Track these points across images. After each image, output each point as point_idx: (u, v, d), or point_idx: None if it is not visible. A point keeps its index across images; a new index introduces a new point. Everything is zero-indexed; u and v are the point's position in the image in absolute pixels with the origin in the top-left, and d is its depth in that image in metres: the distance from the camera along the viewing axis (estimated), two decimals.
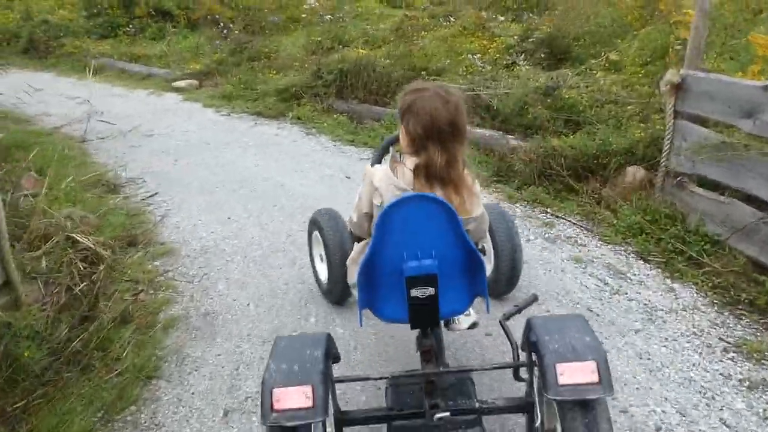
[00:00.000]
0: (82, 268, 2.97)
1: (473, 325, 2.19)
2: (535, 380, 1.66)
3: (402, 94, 1.84)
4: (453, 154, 1.74)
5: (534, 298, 2.02)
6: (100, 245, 3.14)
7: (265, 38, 8.82)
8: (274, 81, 7.23)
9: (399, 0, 12.13)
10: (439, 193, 1.73)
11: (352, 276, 2.01)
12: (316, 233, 2.81)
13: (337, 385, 1.73)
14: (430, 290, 1.71)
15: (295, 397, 1.45)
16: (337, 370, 1.79)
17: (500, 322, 1.94)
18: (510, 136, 4.84)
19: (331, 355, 1.66)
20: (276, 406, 1.45)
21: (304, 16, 9.35)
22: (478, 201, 1.88)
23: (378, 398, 2.16)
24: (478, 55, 6.33)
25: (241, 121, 6.49)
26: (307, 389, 1.46)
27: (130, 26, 10.85)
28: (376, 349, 2.52)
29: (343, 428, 1.77)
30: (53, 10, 11.23)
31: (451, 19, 7.92)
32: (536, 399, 1.69)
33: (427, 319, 1.81)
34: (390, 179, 1.77)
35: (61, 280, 2.78)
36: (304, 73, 6.97)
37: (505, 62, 6.14)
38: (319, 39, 7.90)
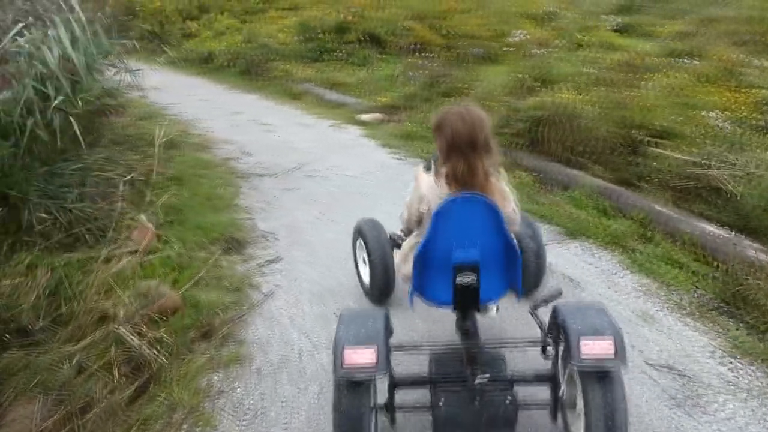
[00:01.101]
0: (117, 377, 2.37)
1: (497, 310, 2.75)
2: (560, 358, 2.03)
3: (434, 115, 2.25)
4: (473, 163, 2.08)
5: (559, 293, 2.36)
6: (153, 345, 2.53)
7: (463, 71, 7.99)
8: None
9: (638, 30, 10.47)
10: None
11: (405, 269, 2.34)
12: (359, 241, 3.17)
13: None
14: (473, 277, 2.10)
15: (362, 355, 1.80)
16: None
17: (530, 310, 2.36)
18: (751, 243, 3.32)
19: (389, 327, 2.00)
20: (346, 362, 1.79)
21: (506, 49, 8.31)
22: (507, 201, 2.21)
23: (422, 368, 2.25)
24: (719, 112, 4.70)
25: (413, 168, 5.70)
26: (373, 349, 1.81)
27: (340, 51, 10.84)
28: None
29: (394, 391, 2.09)
30: (274, 34, 11.74)
31: (693, 60, 6.25)
32: (560, 372, 2.04)
33: (469, 302, 2.19)
34: (433, 188, 2.18)
35: (72, 400, 2.18)
36: (494, 116, 5.94)
37: (757, 124, 4.47)
38: (521, 76, 6.81)
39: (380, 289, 3.03)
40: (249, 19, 14.32)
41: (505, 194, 2.20)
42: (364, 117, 7.49)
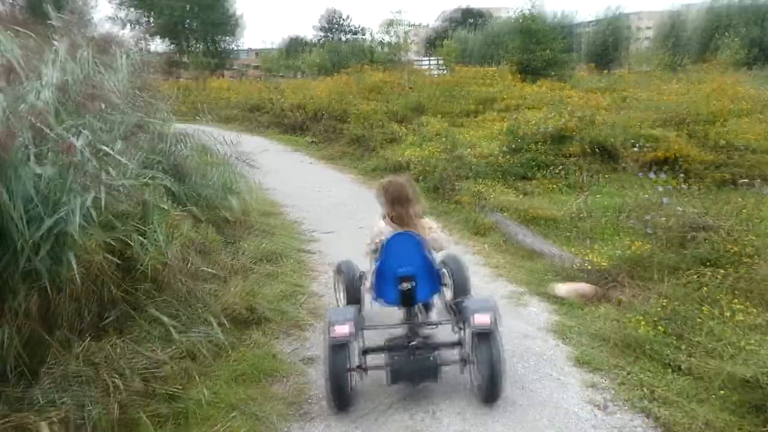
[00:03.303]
0: None
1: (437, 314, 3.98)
2: (463, 330, 3.41)
3: (378, 186, 3.87)
4: (406, 210, 3.62)
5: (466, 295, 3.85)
6: None
7: (739, 219, 4.83)
8: (735, 338, 3.34)
9: None
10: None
11: (368, 283, 3.76)
12: (338, 276, 4.40)
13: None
14: (411, 284, 3.45)
15: (343, 328, 3.10)
16: None
17: (449, 304, 3.75)
18: None
19: (359, 316, 3.41)
20: (333, 333, 3.10)
21: None
22: (429, 231, 3.69)
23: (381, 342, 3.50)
24: None
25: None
26: (349, 324, 3.13)
27: (555, 167, 8.31)
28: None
29: (364, 355, 3.40)
30: (476, 142, 9.70)
31: None
32: (464, 338, 3.42)
33: (409, 301, 3.52)
34: (384, 228, 3.64)
35: None
36: None
37: None
38: None
39: (347, 293, 4.11)
40: (462, 122, 12.62)
41: (428, 228, 3.72)
42: (562, 288, 4.79)
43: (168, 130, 6.25)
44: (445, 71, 21.91)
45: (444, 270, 3.86)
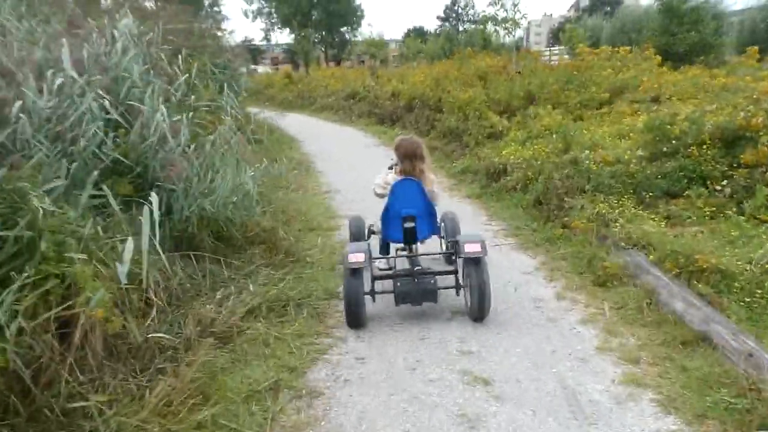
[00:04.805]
0: None
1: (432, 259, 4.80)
2: (458, 260, 4.07)
3: (394, 141, 4.53)
4: (414, 164, 4.21)
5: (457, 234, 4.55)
6: None
7: None
8: None
9: None
10: None
11: (377, 226, 4.49)
12: (351, 227, 5.10)
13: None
14: (413, 224, 4.09)
15: (357, 256, 3.73)
16: None
17: (445, 240, 4.70)
18: None
19: (369, 249, 3.97)
20: (350, 259, 3.71)
21: None
22: (433, 184, 4.30)
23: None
24: None
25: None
26: (362, 253, 3.76)
27: (723, 183, 5.66)
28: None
29: (374, 282, 4.02)
30: (602, 142, 7.14)
31: None
32: (458, 267, 4.09)
33: (411, 239, 4.19)
34: (394, 176, 4.32)
35: None
36: None
37: None
38: None
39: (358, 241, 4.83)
40: (585, 115, 9.97)
41: (430, 180, 4.27)
42: None
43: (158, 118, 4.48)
44: (567, 57, 18.93)
45: (442, 224, 4.76)
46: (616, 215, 5.39)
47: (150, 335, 3.32)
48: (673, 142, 6.33)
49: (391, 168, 4.50)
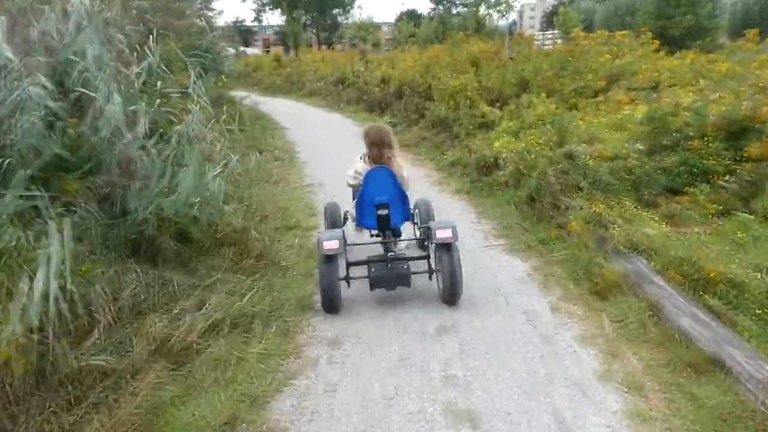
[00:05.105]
0: None
1: (406, 247, 4.87)
2: (429, 245, 4.22)
3: (363, 131, 4.56)
4: (382, 152, 4.33)
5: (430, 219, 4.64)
6: None
7: None
8: None
9: None
10: None
11: (351, 212, 4.62)
12: (326, 213, 5.10)
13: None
14: (386, 211, 4.20)
15: (332, 243, 3.77)
16: None
17: (418, 225, 4.79)
18: None
19: (343, 236, 3.97)
20: (325, 247, 3.76)
21: None
22: (402, 170, 4.40)
23: (363, 257, 4.23)
24: None
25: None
26: (337, 240, 3.79)
27: (728, 178, 5.30)
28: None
29: (349, 268, 4.06)
30: (600, 134, 6.72)
31: None
32: (430, 252, 4.22)
33: (385, 225, 4.26)
34: (363, 165, 4.39)
35: None
36: None
37: None
38: None
39: (333, 227, 4.90)
40: (580, 104, 9.56)
41: (400, 168, 4.37)
42: None
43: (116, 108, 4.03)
44: (560, 42, 18.44)
45: (416, 210, 4.86)
46: (614, 215, 5.01)
47: (90, 360, 2.92)
48: (674, 134, 5.95)
49: (361, 158, 4.53)
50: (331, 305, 3.91)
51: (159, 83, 5.47)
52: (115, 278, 3.55)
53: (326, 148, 10.39)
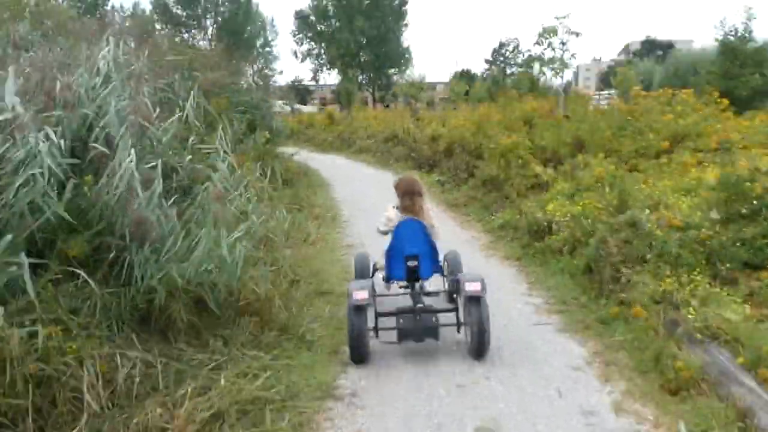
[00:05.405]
0: None
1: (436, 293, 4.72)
2: (458, 298, 4.26)
3: (395, 182, 4.78)
4: (414, 201, 4.44)
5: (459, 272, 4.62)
6: None
7: None
8: None
9: None
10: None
11: (380, 263, 4.65)
12: (356, 264, 5.25)
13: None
14: (416, 262, 4.23)
15: (361, 293, 3.84)
16: None
17: (447, 278, 4.74)
18: None
19: (373, 286, 4.09)
20: (354, 297, 3.83)
21: None
22: (432, 219, 4.57)
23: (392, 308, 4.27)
24: None
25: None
26: (366, 291, 3.87)
27: None
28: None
29: (377, 318, 4.13)
30: (669, 200, 6.07)
31: None
32: (459, 305, 4.25)
33: (414, 277, 4.31)
34: (395, 214, 4.49)
35: None
36: None
37: None
38: None
39: (361, 277, 4.96)
40: (642, 165, 8.91)
41: (430, 218, 4.52)
42: None
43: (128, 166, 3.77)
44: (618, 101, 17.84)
45: (445, 263, 4.85)
46: (686, 294, 4.35)
47: None
48: (754, 202, 5.27)
49: (394, 206, 4.63)
50: (360, 354, 3.98)
51: (191, 138, 5.27)
52: (112, 356, 3.17)
53: (372, 206, 10.03)
